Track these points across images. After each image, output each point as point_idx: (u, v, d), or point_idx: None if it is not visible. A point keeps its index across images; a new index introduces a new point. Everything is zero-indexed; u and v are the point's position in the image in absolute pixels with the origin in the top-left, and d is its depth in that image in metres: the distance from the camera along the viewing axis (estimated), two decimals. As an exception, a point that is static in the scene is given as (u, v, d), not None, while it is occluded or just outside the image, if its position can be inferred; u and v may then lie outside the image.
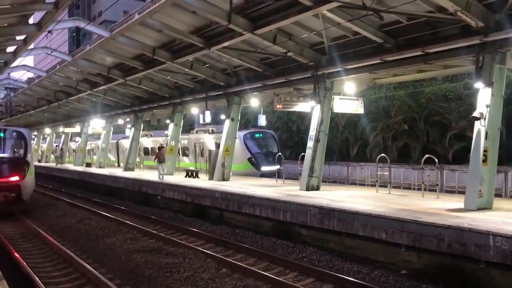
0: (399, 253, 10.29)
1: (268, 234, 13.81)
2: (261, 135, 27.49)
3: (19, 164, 19.02)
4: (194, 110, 26.03)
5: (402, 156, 27.55)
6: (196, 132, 30.37)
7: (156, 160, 23.32)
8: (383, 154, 16.68)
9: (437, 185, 14.78)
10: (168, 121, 28.28)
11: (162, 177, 22.40)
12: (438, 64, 14.27)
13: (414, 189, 19.97)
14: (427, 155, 14.70)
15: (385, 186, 16.15)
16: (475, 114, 11.60)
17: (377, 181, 16.49)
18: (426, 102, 27.83)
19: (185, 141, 30.25)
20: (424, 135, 27.49)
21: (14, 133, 19.86)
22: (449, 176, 20.30)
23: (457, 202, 12.43)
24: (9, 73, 26.00)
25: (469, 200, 11.51)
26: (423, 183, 15.08)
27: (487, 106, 11.43)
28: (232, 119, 21.11)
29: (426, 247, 9.64)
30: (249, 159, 25.91)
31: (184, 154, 30.44)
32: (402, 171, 22.29)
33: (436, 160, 14.49)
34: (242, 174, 24.41)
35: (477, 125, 11.58)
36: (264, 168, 25.38)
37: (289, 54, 15.43)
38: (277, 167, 21.92)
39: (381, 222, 10.64)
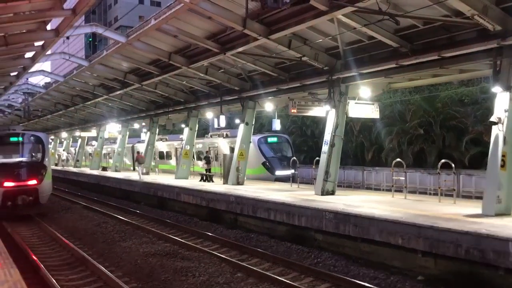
0: (415, 258, 10.21)
1: (283, 239, 13.80)
2: (275, 139, 27.43)
3: (36, 168, 19.27)
4: (209, 114, 26.16)
5: (418, 161, 27.29)
6: (211, 136, 30.44)
7: (136, 162, 26.94)
8: (398, 159, 16.55)
9: (454, 190, 14.63)
10: (183, 126, 28.44)
11: (140, 177, 26.18)
12: (454, 68, 14.16)
13: (430, 194, 19.77)
14: (443, 160, 14.56)
15: (401, 191, 16.03)
16: (493, 118, 11.47)
17: (392, 186, 16.37)
18: (442, 106, 27.56)
19: (200, 145, 30.35)
20: (440, 139, 27.21)
21: (32, 137, 20.13)
22: (465, 181, 20.05)
23: (475, 207, 12.29)
24: (27, 78, 26.31)
25: (487, 205, 11.38)
26: (439, 188, 14.89)
27: (505, 111, 11.30)
28: (247, 124, 21.17)
29: (443, 253, 9.55)
30: (263, 164, 25.87)
31: (199, 158, 30.53)
32: (418, 176, 22.07)
33: (453, 165, 14.34)
34: (256, 179, 24.40)
35: (495, 129, 11.45)
36: (279, 173, 25.32)
37: (304, 58, 15.43)
38: (291, 171, 21.81)
39: (398, 227, 10.57)
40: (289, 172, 22.15)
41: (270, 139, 27.07)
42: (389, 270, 10.45)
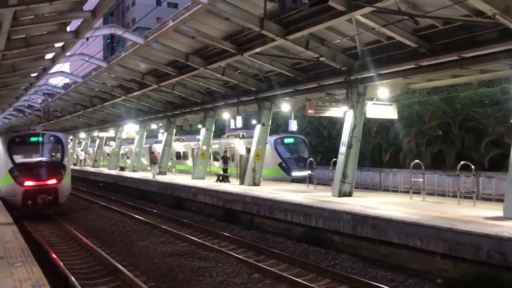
0: (434, 261, 10.11)
1: (300, 240, 13.77)
2: (292, 140, 27.34)
3: (56, 167, 19.53)
4: (226, 115, 26.23)
5: (436, 162, 26.99)
6: (227, 137, 30.51)
7: (150, 161, 29.43)
8: (417, 160, 16.39)
9: (473, 192, 14.44)
10: (199, 126, 28.57)
11: (154, 176, 27.56)
12: (474, 69, 13.96)
13: (448, 196, 19.54)
14: (463, 162, 14.36)
15: (419, 193, 15.87)
16: (514, 119, 11.28)
17: (410, 187, 16.22)
18: (461, 107, 27.23)
19: (216, 145, 30.43)
20: (459, 141, 26.87)
21: (52, 138, 20.41)
22: (485, 183, 19.79)
23: (495, 210, 12.12)
24: (47, 79, 26.69)
25: (508, 208, 11.20)
26: (458, 190, 14.71)
27: (527, 112, 11.11)
28: (263, 124, 21.18)
29: (463, 256, 9.44)
30: (280, 164, 25.82)
31: (215, 159, 30.62)
32: (436, 178, 21.86)
33: (473, 166, 14.14)
34: (272, 179, 24.36)
35: (516, 131, 11.27)
36: (295, 174, 25.24)
37: (322, 59, 15.37)
38: (308, 172, 21.72)
39: (416, 229, 10.47)
40: (305, 173, 22.06)
41: (286, 140, 27.01)
42: (407, 273, 10.36)
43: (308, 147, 27.99)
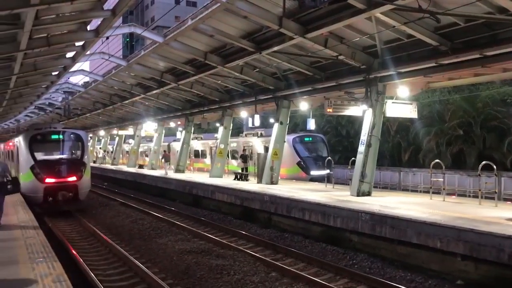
0: (454, 262, 9.97)
1: (318, 239, 13.71)
2: (310, 138, 27.20)
3: (76, 165, 19.82)
4: (243, 113, 26.25)
5: (457, 162, 26.64)
6: (245, 135, 30.50)
7: (163, 159, 30.92)
8: (437, 160, 16.18)
9: (495, 192, 14.18)
10: (217, 125, 28.66)
11: (166, 173, 28.80)
12: (497, 67, 13.72)
13: (469, 196, 19.26)
14: (484, 162, 14.12)
15: (439, 193, 15.66)
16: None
17: (430, 187, 16.01)
18: (483, 106, 26.81)
19: (234, 144, 30.46)
20: (480, 140, 26.48)
21: (72, 135, 20.70)
22: (508, 184, 19.43)
23: (518, 211, 11.88)
24: (68, 78, 27.04)
25: (530, 209, 10.98)
26: (480, 190, 14.45)
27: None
28: (281, 123, 21.13)
29: (484, 257, 9.28)
30: (298, 163, 25.70)
31: (233, 157, 30.67)
32: (457, 178, 21.53)
33: (494, 166, 13.90)
34: (291, 178, 24.31)
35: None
36: (314, 173, 25.11)
37: (341, 57, 15.27)
38: (326, 171, 21.58)
39: (436, 230, 10.33)
40: (324, 172, 21.92)
41: (305, 139, 26.86)
42: (427, 274, 10.24)
43: (327, 146, 27.81)
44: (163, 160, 31.87)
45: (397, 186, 24.70)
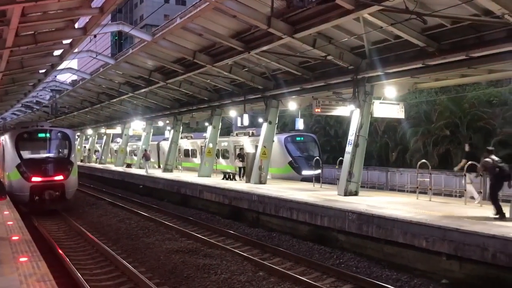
0: (439, 261, 10.06)
1: (305, 239, 13.76)
2: (302, 138, 26.98)
3: (63, 163, 19.67)
4: (232, 113, 26.23)
5: (443, 163, 26.88)
6: (237, 134, 30.28)
7: (143, 158, 31.54)
8: (424, 160, 16.31)
9: (480, 192, 14.33)
10: (206, 124, 28.61)
11: (147, 172, 29.57)
12: (483, 69, 13.88)
13: (455, 196, 19.44)
14: (470, 162, 14.27)
15: (425, 193, 15.80)
16: (522, 120, 11.19)
17: (417, 187, 16.14)
18: (469, 107, 27.09)
19: (225, 143, 30.32)
20: (466, 141, 26.69)
21: (59, 134, 20.53)
22: (493, 184, 19.60)
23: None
24: (55, 76, 26.82)
25: (515, 209, 11.12)
26: (465, 190, 14.62)
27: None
28: (270, 122, 21.15)
29: (468, 256, 9.38)
30: (290, 163, 25.54)
31: (224, 157, 30.51)
32: (443, 178, 21.72)
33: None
34: (282, 178, 24.22)
35: (524, 131, 11.18)
36: (305, 172, 25.07)
37: (329, 57, 15.33)
38: (318, 171, 21.52)
39: (422, 229, 10.43)
40: (316, 172, 21.82)
41: (297, 138, 26.62)
42: (413, 273, 10.33)
43: (318, 146, 27.57)
44: (143, 159, 31.88)
45: (384, 186, 24.87)
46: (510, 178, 11.34)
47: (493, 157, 11.64)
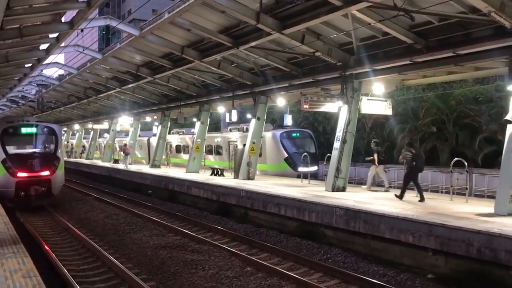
0: (426, 257, 10.16)
1: (293, 234, 13.80)
2: (298, 134, 26.61)
3: (49, 159, 19.46)
4: (221, 109, 26.13)
5: (430, 159, 27.08)
6: (230, 130, 29.90)
7: (123, 153, 31.73)
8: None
9: (466, 189, 14.51)
10: (194, 120, 28.48)
11: (126, 167, 29.96)
12: (469, 66, 14.02)
13: (442, 192, 19.62)
14: (456, 158, 14.42)
15: (412, 189, 15.91)
16: (508, 117, 11.34)
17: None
18: (456, 104, 27.31)
19: (219, 139, 30.08)
20: (453, 137, 27.01)
21: (45, 129, 20.30)
22: (478, 180, 19.87)
23: (487, 206, 12.18)
24: (41, 70, 26.54)
25: (499, 205, 11.27)
26: (451, 186, 14.76)
27: (520, 110, 11.16)
28: (258, 118, 21.14)
29: (454, 251, 9.49)
30: (286, 159, 25.28)
31: (217, 153, 30.21)
32: (430, 174, 21.92)
33: (466, 163, 14.20)
34: (278, 175, 23.92)
35: (510, 128, 11.33)
36: (301, 169, 24.93)
37: (317, 54, 15.36)
38: (315, 168, 21.30)
39: (408, 225, 10.52)
40: (312, 168, 21.58)
41: (293, 134, 26.14)
42: (399, 268, 10.41)
43: (314, 142, 27.14)
44: (122, 154, 31.70)
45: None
46: (422, 170, 14.17)
47: (412, 150, 13.95)
